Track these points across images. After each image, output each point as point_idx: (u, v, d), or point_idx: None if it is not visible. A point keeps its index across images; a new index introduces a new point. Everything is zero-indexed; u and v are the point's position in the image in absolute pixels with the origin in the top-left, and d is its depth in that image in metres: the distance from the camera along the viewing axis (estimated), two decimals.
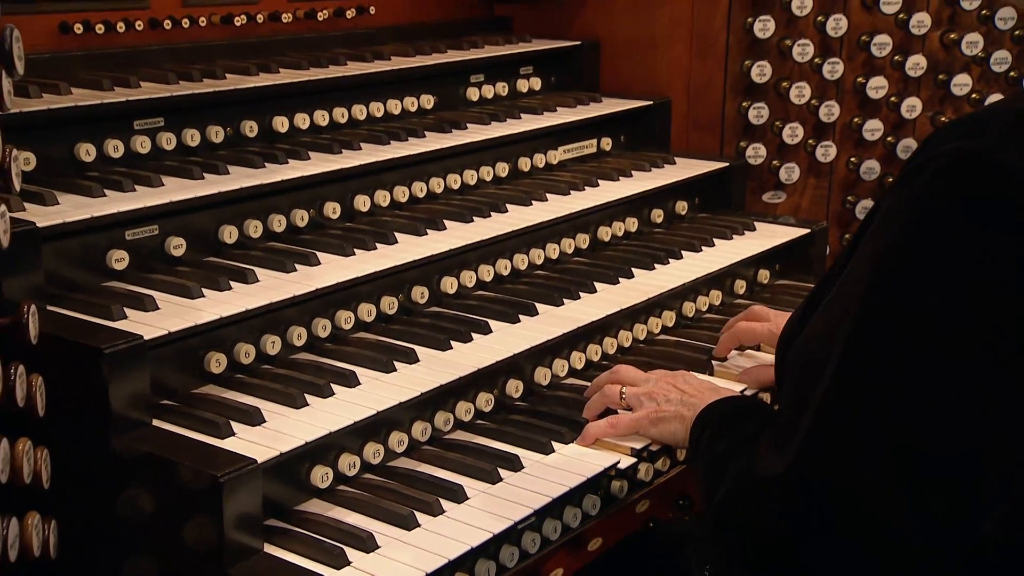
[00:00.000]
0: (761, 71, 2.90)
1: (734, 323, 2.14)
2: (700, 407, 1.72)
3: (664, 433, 1.79)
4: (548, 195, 2.46)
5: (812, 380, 1.24)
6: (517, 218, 2.32)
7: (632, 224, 2.59)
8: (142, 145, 2.09)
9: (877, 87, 2.94)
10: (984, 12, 2.93)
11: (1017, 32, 2.95)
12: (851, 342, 1.21)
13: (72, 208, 1.81)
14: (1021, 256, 1.11)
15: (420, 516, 1.60)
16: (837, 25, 2.89)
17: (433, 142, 2.40)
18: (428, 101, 2.64)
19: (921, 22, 2.89)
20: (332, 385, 1.76)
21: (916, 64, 2.93)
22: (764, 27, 2.87)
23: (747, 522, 1.32)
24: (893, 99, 2.97)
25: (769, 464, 1.29)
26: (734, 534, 1.37)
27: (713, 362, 2.13)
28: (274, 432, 1.63)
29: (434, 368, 1.86)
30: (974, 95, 2.98)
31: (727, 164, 2.85)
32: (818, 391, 1.22)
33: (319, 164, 2.18)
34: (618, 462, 1.79)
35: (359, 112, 2.47)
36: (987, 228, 1.13)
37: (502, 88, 2.85)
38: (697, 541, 2.07)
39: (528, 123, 2.65)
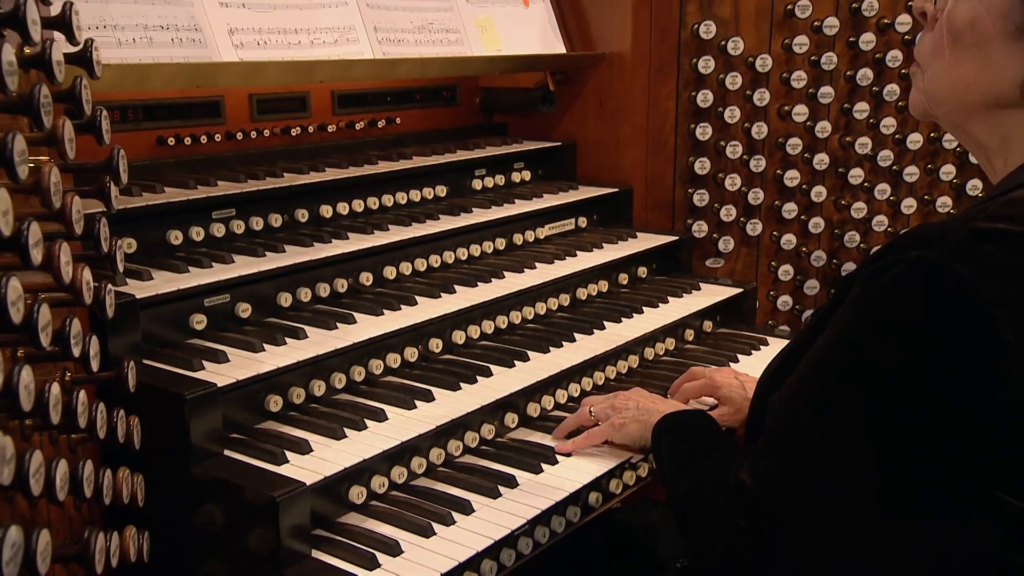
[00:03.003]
0: (702, 165, 2.92)
1: (677, 387, 2.07)
2: (657, 412, 1.71)
3: (627, 436, 1.77)
4: (537, 264, 2.46)
5: None
6: (512, 283, 2.31)
7: (603, 286, 2.58)
8: (218, 231, 2.09)
9: (792, 178, 2.96)
10: (871, 121, 2.96)
11: (897, 136, 2.98)
12: (820, 403, 1.19)
13: (163, 282, 1.82)
14: (967, 350, 1.08)
15: (436, 526, 1.59)
16: (760, 130, 2.92)
17: (446, 223, 2.41)
18: (442, 191, 2.64)
19: (824, 128, 2.92)
20: (366, 420, 1.75)
21: (821, 160, 2.96)
22: (704, 131, 2.89)
23: (715, 524, 1.28)
24: (804, 187, 2.99)
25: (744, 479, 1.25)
26: (699, 533, 1.33)
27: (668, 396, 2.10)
28: (319, 459, 1.62)
29: (447, 405, 1.85)
30: (865, 184, 3.00)
31: (677, 237, 2.86)
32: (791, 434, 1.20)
33: (356, 243, 2.18)
34: (594, 479, 1.77)
35: (388, 200, 2.47)
36: (941, 328, 1.09)
37: (500, 179, 2.86)
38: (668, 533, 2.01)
39: (520, 207, 2.65)
